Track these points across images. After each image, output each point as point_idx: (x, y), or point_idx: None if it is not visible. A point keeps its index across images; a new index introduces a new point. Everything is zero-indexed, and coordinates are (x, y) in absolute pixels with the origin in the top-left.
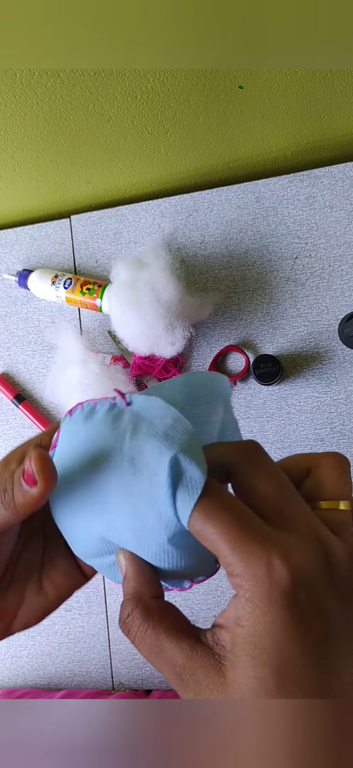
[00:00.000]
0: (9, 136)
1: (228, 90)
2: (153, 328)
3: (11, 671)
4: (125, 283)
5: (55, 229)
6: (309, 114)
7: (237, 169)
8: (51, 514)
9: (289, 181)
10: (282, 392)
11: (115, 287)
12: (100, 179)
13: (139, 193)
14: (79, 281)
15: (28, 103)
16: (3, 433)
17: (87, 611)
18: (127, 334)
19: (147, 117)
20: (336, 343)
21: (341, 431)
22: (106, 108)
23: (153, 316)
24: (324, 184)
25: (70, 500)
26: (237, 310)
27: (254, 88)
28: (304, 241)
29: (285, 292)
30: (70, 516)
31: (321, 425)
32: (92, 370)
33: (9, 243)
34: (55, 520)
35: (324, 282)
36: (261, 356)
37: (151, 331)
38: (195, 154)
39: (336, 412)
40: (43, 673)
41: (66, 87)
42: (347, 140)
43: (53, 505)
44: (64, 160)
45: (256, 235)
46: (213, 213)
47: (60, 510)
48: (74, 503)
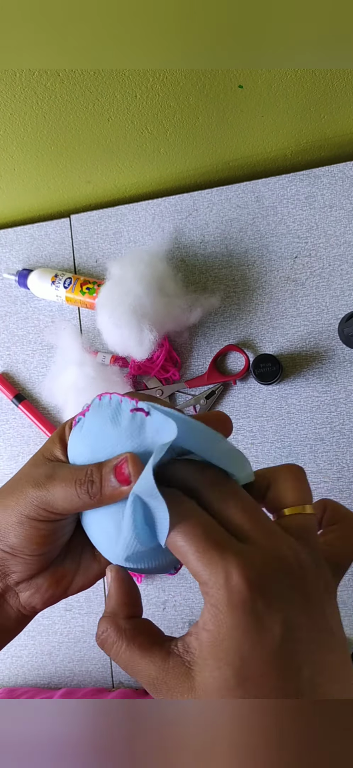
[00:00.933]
0: (9, 135)
1: (227, 89)
2: (122, 329)
3: (11, 671)
4: (111, 284)
5: (54, 229)
6: (309, 113)
7: (236, 168)
8: None
9: (289, 180)
10: (282, 392)
11: (103, 287)
12: (100, 179)
13: (139, 192)
14: (79, 281)
15: (27, 103)
16: (3, 432)
17: (87, 611)
18: (106, 336)
19: (147, 116)
20: (336, 342)
21: (341, 431)
22: (105, 107)
23: (122, 318)
24: (323, 183)
25: None
26: (236, 309)
27: (254, 88)
28: (304, 240)
29: (285, 292)
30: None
31: (321, 425)
32: (87, 373)
33: (9, 242)
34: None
35: (324, 281)
36: (261, 356)
37: (120, 332)
38: (195, 153)
39: (336, 412)
40: (43, 673)
41: (66, 86)
42: (347, 139)
43: None
44: (64, 160)
45: (256, 235)
46: (213, 212)
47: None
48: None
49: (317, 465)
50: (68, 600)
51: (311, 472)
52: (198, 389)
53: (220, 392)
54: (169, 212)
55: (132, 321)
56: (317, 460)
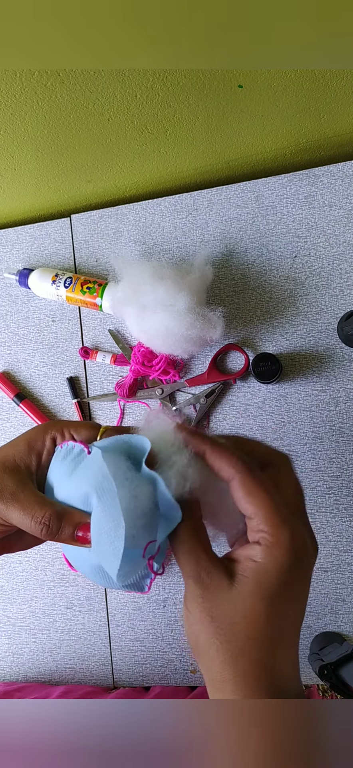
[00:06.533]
0: (9, 135)
1: (227, 89)
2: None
3: (12, 668)
4: (141, 288)
5: (55, 228)
6: (309, 113)
7: (236, 168)
8: None
9: (288, 180)
10: (282, 390)
11: (123, 287)
12: (100, 178)
13: (139, 192)
14: (80, 280)
15: (28, 103)
16: (4, 431)
17: (87, 608)
18: (145, 334)
19: (147, 116)
20: (336, 341)
21: (340, 429)
22: (105, 107)
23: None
24: (323, 182)
25: None
26: (236, 308)
27: (253, 87)
28: (303, 239)
29: (285, 291)
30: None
31: (321, 423)
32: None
33: (9, 242)
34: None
35: (324, 281)
36: (261, 355)
37: (170, 333)
38: (195, 153)
39: (336, 410)
40: (44, 670)
41: (66, 86)
42: (346, 139)
43: None
44: (64, 160)
45: (256, 234)
46: (213, 212)
47: None
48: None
49: (316, 463)
50: (69, 598)
51: (310, 470)
52: (199, 388)
53: (220, 391)
54: (169, 212)
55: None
56: (316, 458)
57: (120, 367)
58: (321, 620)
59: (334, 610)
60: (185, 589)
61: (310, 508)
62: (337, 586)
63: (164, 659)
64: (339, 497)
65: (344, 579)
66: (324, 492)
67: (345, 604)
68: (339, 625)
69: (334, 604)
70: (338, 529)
